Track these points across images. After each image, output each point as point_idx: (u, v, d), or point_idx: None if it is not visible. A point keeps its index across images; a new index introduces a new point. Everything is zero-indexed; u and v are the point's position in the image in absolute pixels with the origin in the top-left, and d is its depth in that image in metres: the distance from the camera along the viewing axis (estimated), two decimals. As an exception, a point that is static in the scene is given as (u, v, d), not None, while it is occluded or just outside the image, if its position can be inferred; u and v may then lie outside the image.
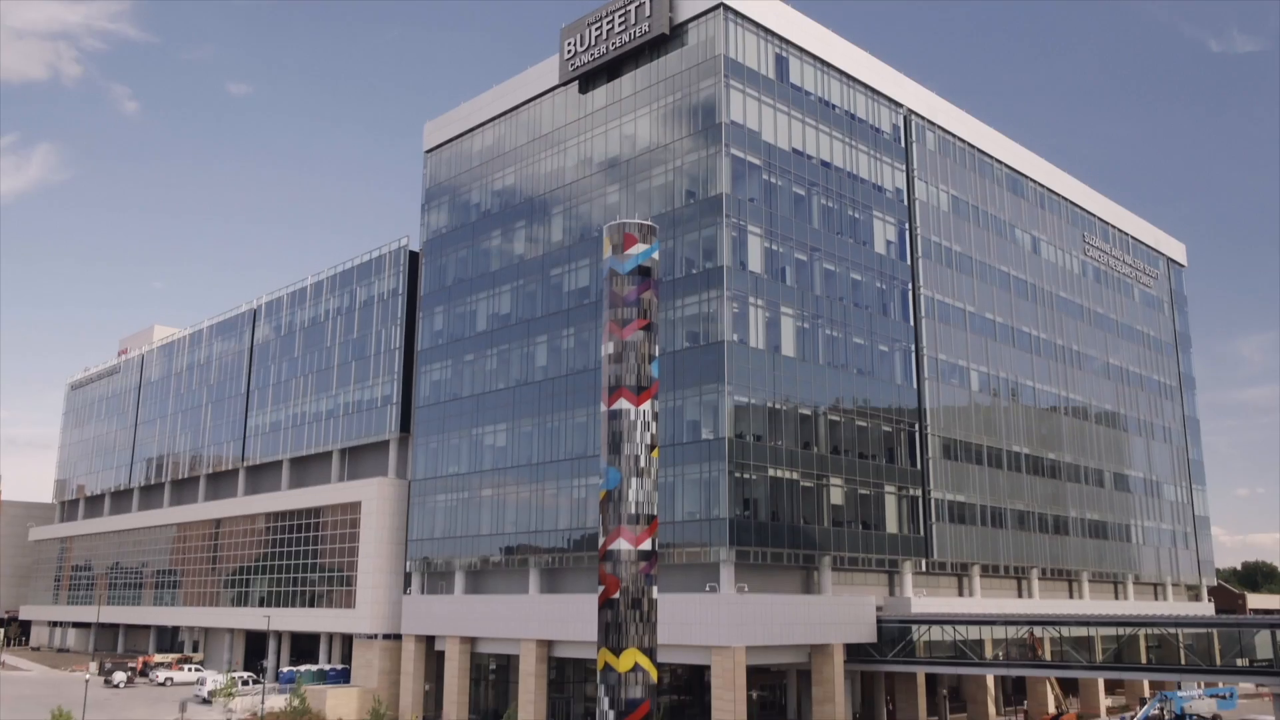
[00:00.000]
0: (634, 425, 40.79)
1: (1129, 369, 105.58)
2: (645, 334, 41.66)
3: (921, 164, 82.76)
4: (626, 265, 42.04)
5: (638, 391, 41.08)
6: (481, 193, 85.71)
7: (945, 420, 79.64)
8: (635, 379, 41.15)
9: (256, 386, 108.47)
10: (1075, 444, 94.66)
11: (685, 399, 66.09)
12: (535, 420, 76.13)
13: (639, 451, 40.62)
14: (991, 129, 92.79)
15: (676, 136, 69.94)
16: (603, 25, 74.72)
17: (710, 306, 65.64)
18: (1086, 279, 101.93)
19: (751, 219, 67.73)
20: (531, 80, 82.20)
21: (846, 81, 77.24)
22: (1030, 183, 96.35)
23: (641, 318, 41.66)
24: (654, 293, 42.37)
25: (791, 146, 71.77)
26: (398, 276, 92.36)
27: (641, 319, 41.65)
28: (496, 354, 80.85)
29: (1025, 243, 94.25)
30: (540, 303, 78.02)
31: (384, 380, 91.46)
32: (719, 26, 68.37)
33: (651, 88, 72.36)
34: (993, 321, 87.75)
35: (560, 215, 77.95)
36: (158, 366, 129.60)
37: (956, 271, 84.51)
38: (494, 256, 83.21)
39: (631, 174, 72.74)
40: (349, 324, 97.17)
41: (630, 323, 41.54)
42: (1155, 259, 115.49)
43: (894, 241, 79.17)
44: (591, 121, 76.61)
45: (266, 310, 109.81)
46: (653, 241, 42.81)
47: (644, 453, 40.72)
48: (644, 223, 42.83)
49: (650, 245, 42.67)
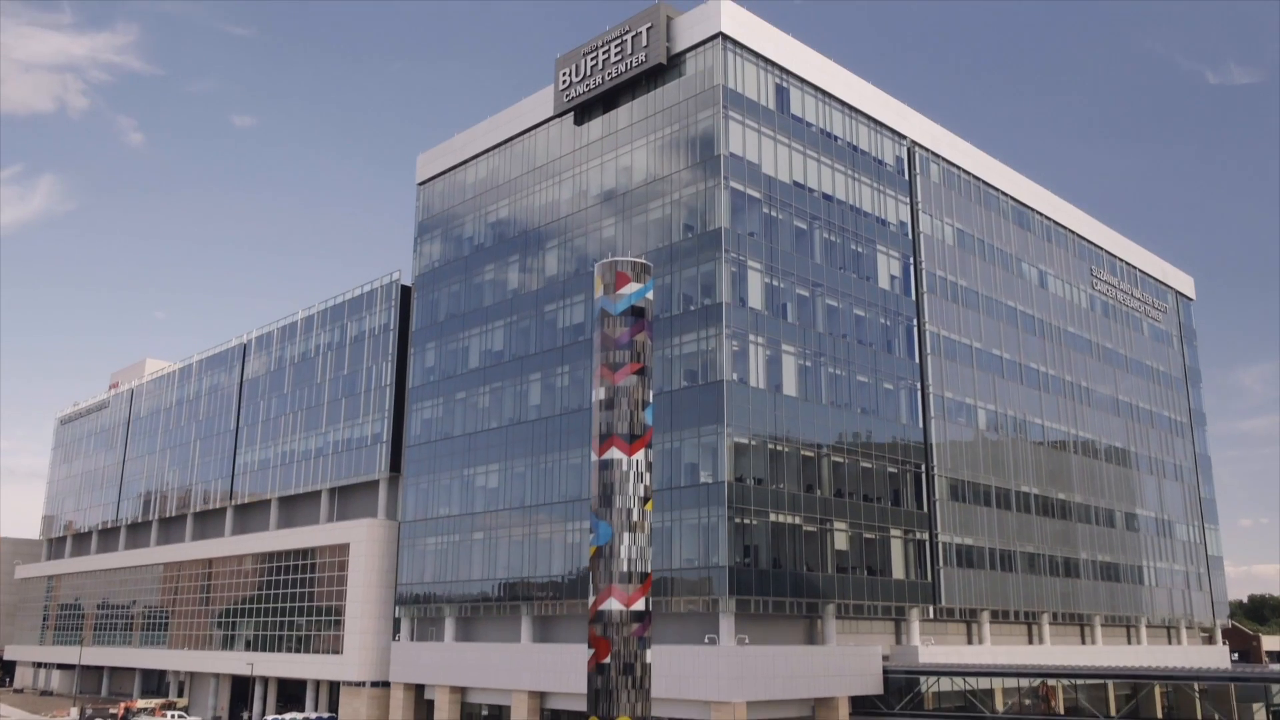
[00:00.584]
0: (626, 476, 38.29)
1: (1139, 405, 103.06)
2: (638, 379, 39.25)
3: (926, 197, 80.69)
4: (619, 305, 39.71)
5: (630, 440, 38.62)
6: (475, 226, 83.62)
7: (952, 460, 77.06)
8: (628, 426, 38.69)
9: (246, 423, 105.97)
10: (1085, 483, 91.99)
11: (683, 440, 63.60)
12: (528, 461, 73.58)
13: (631, 504, 38.10)
14: (996, 161, 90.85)
15: (674, 169, 67.89)
16: (598, 55, 72.89)
17: (709, 344, 63.29)
18: (1094, 313, 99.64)
19: (751, 254, 65.52)
20: (526, 111, 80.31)
21: (848, 113, 75.30)
22: (1036, 215, 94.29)
23: (634, 361, 39.27)
24: (648, 334, 40.02)
25: (792, 179, 69.69)
26: (389, 311, 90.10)
27: (634, 363, 39.26)
28: (489, 392, 78.42)
29: (1032, 277, 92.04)
30: (534, 339, 75.69)
31: (374, 418, 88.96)
32: (717, 56, 66.49)
33: (648, 119, 70.40)
34: (1000, 358, 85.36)
35: (555, 249, 75.79)
36: (147, 401, 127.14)
37: (962, 307, 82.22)
38: (487, 291, 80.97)
39: (628, 207, 70.63)
40: (339, 360, 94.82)
41: (622, 367, 39.14)
42: (1163, 292, 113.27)
43: (898, 276, 76.94)
44: (587, 153, 74.62)
45: (257, 345, 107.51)
46: (646, 280, 40.50)
47: (637, 505, 38.19)
48: (637, 260, 40.54)
49: (644, 284, 40.36)
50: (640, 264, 40.43)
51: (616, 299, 39.78)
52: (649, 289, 40.54)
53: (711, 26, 66.88)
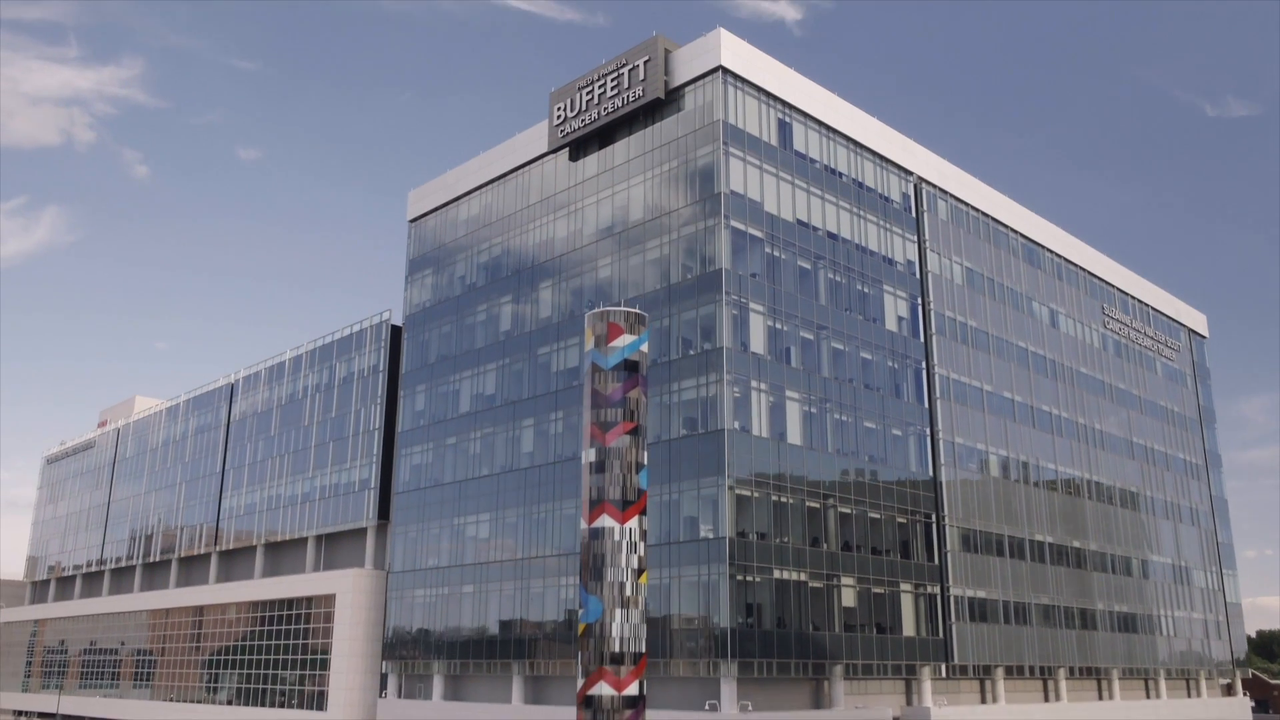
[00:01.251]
0: (618, 546, 35.13)
1: (1153, 447, 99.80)
2: (632, 439, 36.20)
3: (934, 234, 77.92)
4: (610, 359, 36.71)
5: (623, 506, 35.49)
6: (467, 265, 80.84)
7: (964, 509, 73.77)
8: (620, 491, 35.58)
9: (232, 466, 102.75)
10: (1100, 530, 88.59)
11: (682, 492, 60.41)
12: (520, 511, 70.34)
13: (624, 577, 34.91)
14: (1005, 197, 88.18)
15: (672, 207, 65.14)
16: (594, 89, 70.36)
17: (709, 391, 60.24)
18: (1107, 353, 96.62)
19: (753, 296, 62.62)
20: (520, 147, 77.75)
21: (853, 148, 72.68)
22: (1047, 253, 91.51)
23: (628, 420, 36.22)
24: (642, 390, 37.00)
25: (796, 217, 66.93)
26: (378, 352, 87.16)
27: (628, 422, 36.21)
28: (480, 438, 75.29)
29: (1043, 316, 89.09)
30: (527, 383, 72.67)
31: (362, 463, 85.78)
32: (717, 91, 63.91)
33: (646, 155, 67.75)
34: (1011, 401, 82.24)
35: (549, 290, 72.93)
36: (133, 442, 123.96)
37: (972, 348, 79.23)
38: (479, 332, 78.05)
39: (624, 247, 67.83)
40: (327, 402, 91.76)
41: (614, 426, 36.08)
42: (1176, 330, 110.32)
43: (906, 318, 74.01)
44: (582, 191, 71.94)
45: (244, 385, 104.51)
46: (641, 331, 37.53)
47: (630, 579, 35.01)
48: (630, 310, 37.59)
49: (638, 336, 37.39)
50: (634, 314, 37.50)
51: (608, 352, 36.80)
52: (643, 341, 37.56)
53: (711, 60, 64.39)
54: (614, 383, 36.21)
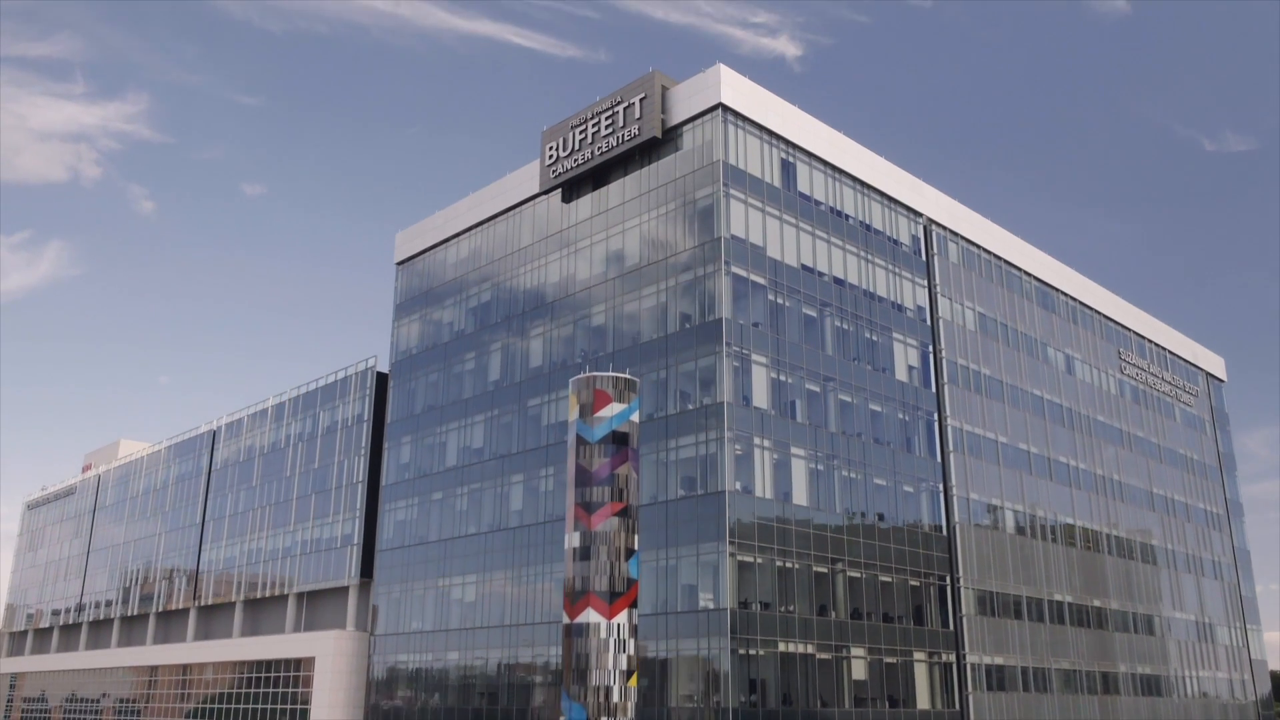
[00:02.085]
0: (605, 644, 31.10)
1: (1173, 498, 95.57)
2: (621, 521, 32.27)
3: (945, 278, 74.26)
4: (597, 431, 32.86)
5: (610, 599, 31.52)
6: (455, 310, 77.15)
7: (979, 569, 69.55)
8: (607, 582, 31.61)
9: (212, 516, 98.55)
10: (1121, 587, 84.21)
11: (680, 558, 56.30)
12: (509, 574, 66.17)
13: (611, 680, 30.86)
14: (1017, 238, 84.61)
15: (670, 252, 61.51)
16: (587, 128, 66.97)
17: (709, 449, 56.28)
18: (1125, 400, 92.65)
19: (756, 346, 58.82)
20: (511, 188, 74.30)
21: (860, 189, 69.20)
22: (1061, 296, 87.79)
23: (616, 500, 32.31)
24: (632, 465, 33.10)
25: (800, 262, 63.29)
26: (363, 401, 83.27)
27: (616, 502, 32.30)
28: (467, 493, 71.24)
29: (1058, 362, 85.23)
30: (517, 436, 68.73)
31: (345, 517, 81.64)
32: (717, 129, 60.48)
33: (642, 197, 64.23)
34: (1027, 452, 78.19)
35: (540, 338, 69.18)
36: (114, 489, 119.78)
37: (986, 397, 75.31)
38: (467, 382, 74.21)
39: (619, 294, 64.14)
40: (310, 452, 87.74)
41: (601, 507, 32.16)
42: (1194, 375, 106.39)
43: (916, 367, 70.16)
44: (575, 234, 68.37)
45: (226, 432, 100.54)
46: (631, 399, 33.69)
47: (618, 682, 30.96)
48: (619, 376, 33.77)
49: (628, 404, 33.55)
50: (623, 380, 33.67)
51: (594, 423, 32.95)
52: (634, 410, 33.70)
53: (710, 97, 61.03)
54: (601, 457, 32.36)
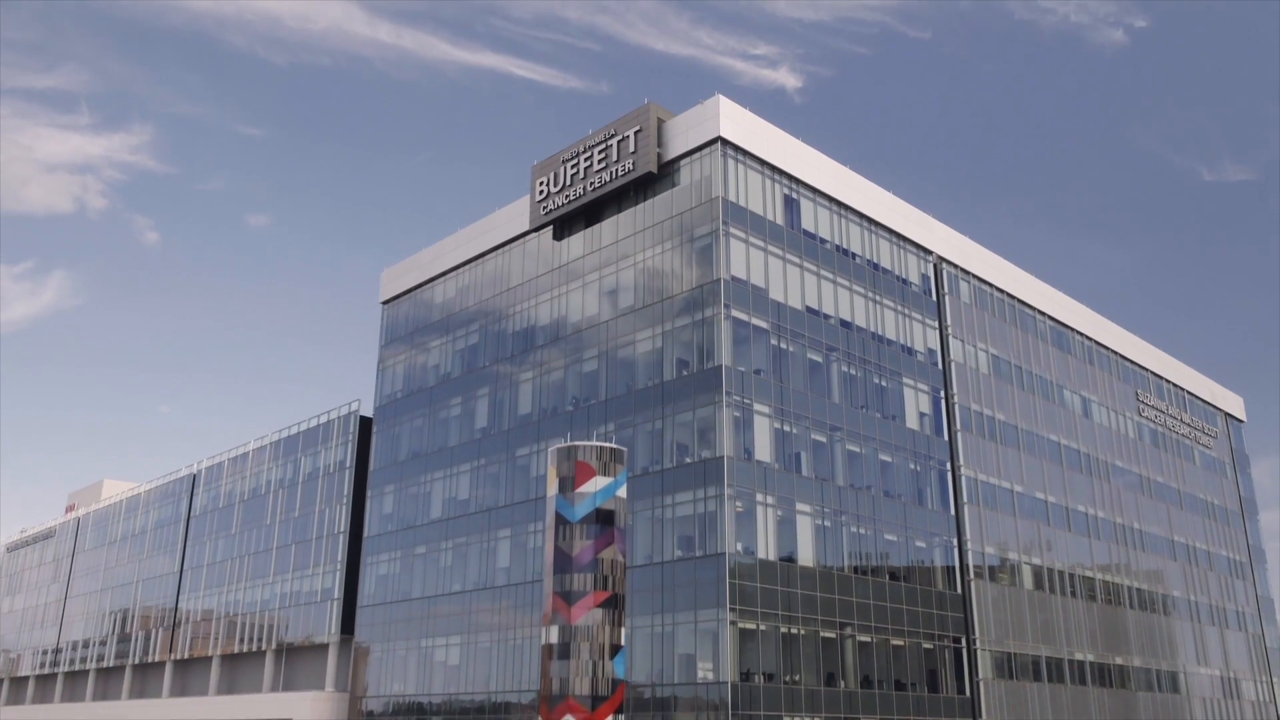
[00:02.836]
0: (587, 759, 27.08)
1: (1195, 545, 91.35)
2: (606, 613, 28.36)
3: (956, 319, 70.55)
4: (579, 509, 28.97)
5: (593, 704, 27.55)
6: (442, 353, 73.41)
7: (996, 629, 65.33)
8: (589, 684, 27.65)
9: (190, 565, 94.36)
10: (1144, 643, 79.86)
11: (677, 625, 52.20)
12: (494, 636, 62.00)
13: (594, 801, 26.82)
14: (1029, 275, 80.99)
15: (666, 294, 57.82)
16: (579, 163, 63.49)
17: (708, 506, 52.33)
18: (1143, 443, 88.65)
19: (758, 395, 54.99)
20: (500, 224, 70.78)
21: (867, 226, 65.64)
22: (1076, 335, 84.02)
23: (600, 589, 28.42)
24: (619, 548, 29.21)
25: (805, 304, 59.58)
26: (346, 447, 79.35)
27: (600, 590, 28.39)
28: (452, 548, 67.19)
29: (1075, 405, 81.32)
30: (504, 488, 64.77)
31: (326, 569, 77.52)
32: (716, 164, 56.96)
33: (636, 235, 60.64)
34: (1044, 502, 74.14)
35: (529, 384, 65.38)
36: (93, 533, 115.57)
37: (1001, 444, 71.38)
38: (453, 429, 70.34)
39: (612, 338, 60.40)
40: (291, 499, 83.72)
41: (583, 597, 28.26)
42: (1213, 415, 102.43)
43: (928, 413, 66.31)
44: (566, 274, 64.75)
45: (206, 476, 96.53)
46: (618, 471, 29.82)
47: (601, 802, 26.91)
48: (605, 445, 29.92)
49: (615, 477, 29.69)
50: (608, 450, 29.82)
51: (575, 499, 29.06)
52: (621, 483, 29.84)
53: (709, 130, 57.57)
54: (583, 539, 28.51)
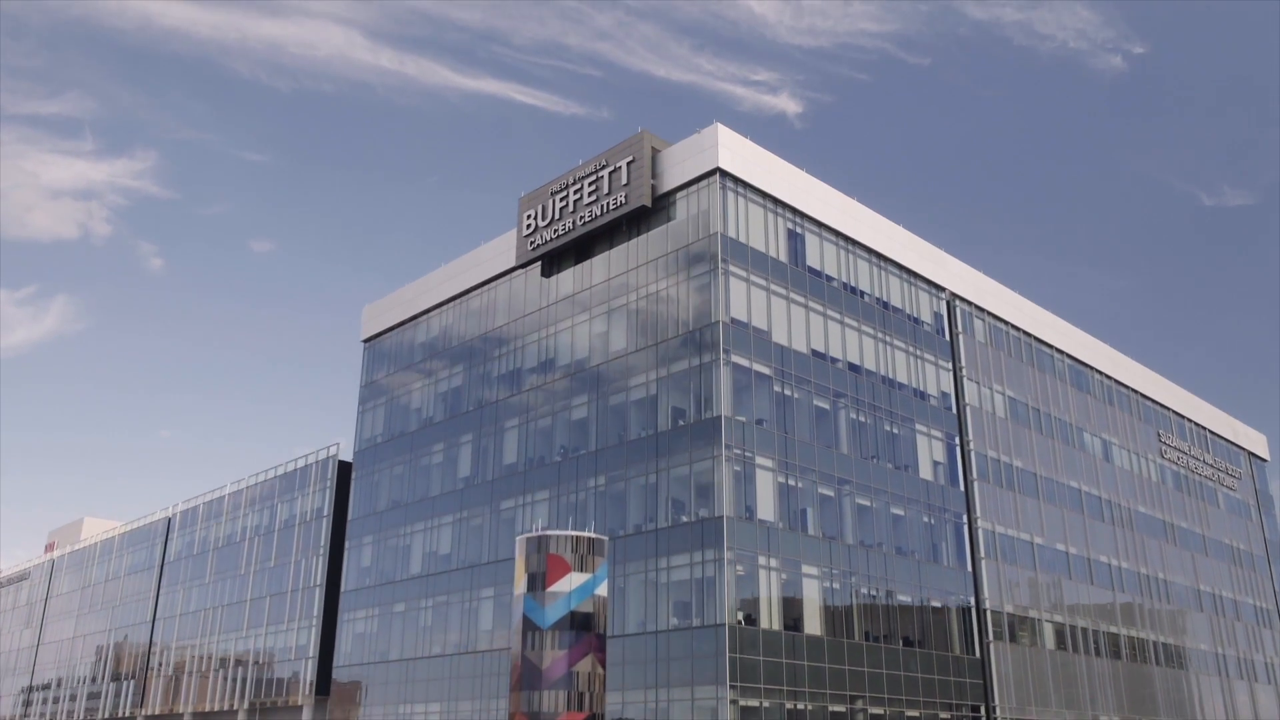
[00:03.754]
0: None
1: (1221, 594, 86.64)
2: (581, 737, 23.91)
3: (971, 360, 66.30)
4: (550, 612, 24.73)
5: None
6: (425, 396, 69.16)
7: (1017, 696, 60.66)
8: (561, 827, 23.18)
9: (164, 615, 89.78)
10: (1171, 700, 75.05)
11: (673, 702, 47.60)
12: (477, 706, 57.36)
13: None
14: (1045, 311, 76.80)
15: (660, 337, 53.60)
16: (569, 195, 59.45)
17: (706, 571, 47.89)
18: (1166, 487, 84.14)
19: (760, 447, 50.66)
20: (486, 259, 66.71)
21: (876, 262, 61.52)
22: (1095, 374, 79.72)
23: (575, 709, 24.02)
24: (598, 658, 24.82)
25: (811, 347, 55.35)
26: (324, 493, 75.00)
27: (575, 712, 23.98)
28: (432, 606, 62.69)
29: (1095, 448, 76.91)
30: (488, 543, 60.34)
31: (301, 624, 72.98)
32: (715, 198, 52.89)
33: (629, 274, 56.51)
34: (1065, 554, 69.60)
35: (515, 431, 61.07)
36: (68, 576, 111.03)
37: (1019, 494, 66.94)
38: (435, 477, 65.99)
39: (603, 384, 56.15)
40: (266, 548, 79.26)
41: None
42: (1236, 455, 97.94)
43: (942, 462, 61.93)
44: (555, 313, 60.57)
45: (181, 521, 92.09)
46: (597, 566, 25.56)
47: None
48: (581, 535, 25.60)
49: (594, 573, 25.38)
50: (587, 541, 25.54)
51: (546, 600, 24.74)
52: (602, 579, 25.54)
53: (707, 161, 53.54)
54: (555, 649, 24.15)
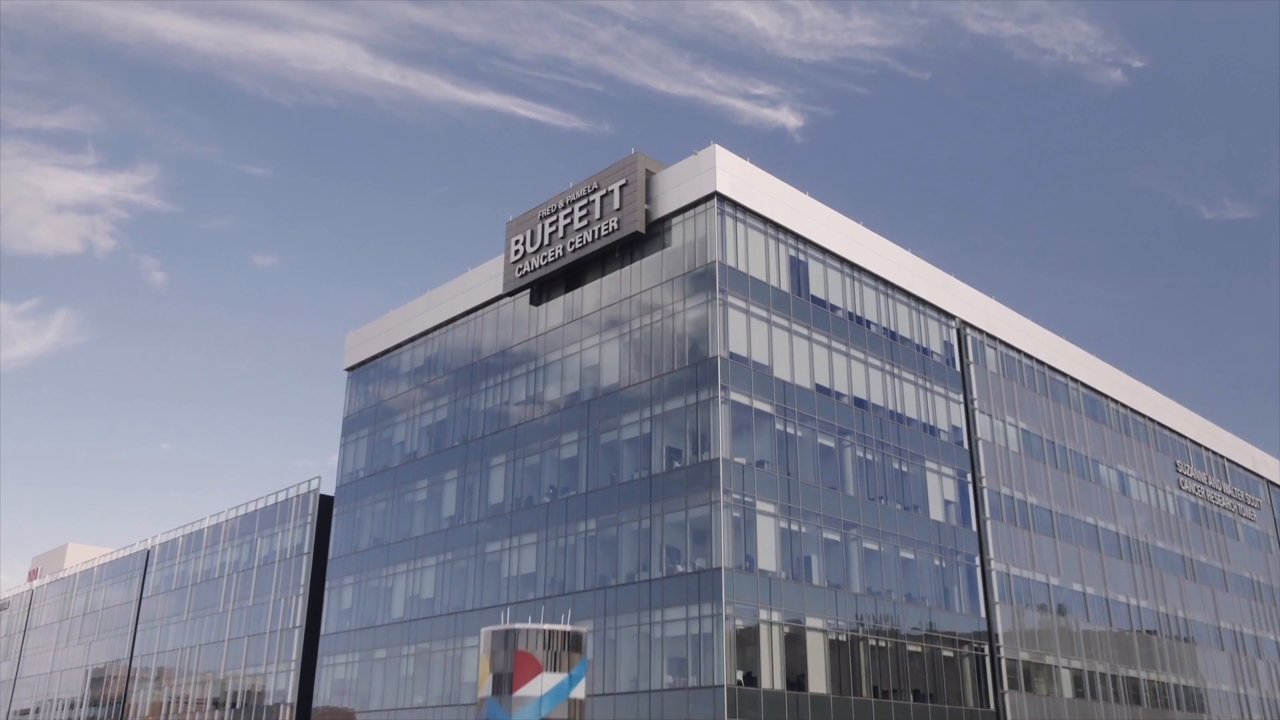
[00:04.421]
0: None
1: (1242, 631, 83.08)
2: None
3: (983, 391, 63.00)
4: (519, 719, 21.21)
5: None
6: (409, 429, 65.88)
7: (1035, 749, 57.17)
8: None
9: (141, 653, 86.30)
10: (1193, 748, 71.52)
11: (666, 769, 44.17)
12: (459, 763, 53.94)
13: None
14: (1059, 338, 73.55)
15: (654, 373, 50.33)
16: (559, 220, 56.28)
17: (703, 627, 44.50)
18: (1185, 520, 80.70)
19: (761, 491, 47.33)
20: (472, 286, 63.53)
21: (883, 289, 58.30)
22: (1111, 403, 76.39)
23: (545, 837, 20.60)
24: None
25: (815, 382, 52.06)
26: (304, 529, 71.63)
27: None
28: (414, 654, 59.25)
29: (1112, 481, 73.52)
30: (473, 589, 56.94)
31: (279, 668, 69.52)
32: (712, 223, 49.71)
33: (621, 304, 53.29)
34: (1083, 594, 66.15)
35: (501, 469, 57.75)
36: (48, 607, 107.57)
37: (1034, 532, 63.53)
38: (419, 516, 62.64)
39: (593, 421, 52.85)
40: (245, 585, 75.84)
41: None
42: (1254, 484, 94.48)
43: (954, 501, 58.55)
44: (545, 344, 57.33)
45: (160, 553, 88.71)
46: (575, 663, 22.27)
47: None
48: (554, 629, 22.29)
49: (569, 672, 22.03)
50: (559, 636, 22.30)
51: (514, 706, 21.43)
52: (580, 677, 22.25)
53: (704, 185, 50.38)
54: (523, 765, 20.86)
